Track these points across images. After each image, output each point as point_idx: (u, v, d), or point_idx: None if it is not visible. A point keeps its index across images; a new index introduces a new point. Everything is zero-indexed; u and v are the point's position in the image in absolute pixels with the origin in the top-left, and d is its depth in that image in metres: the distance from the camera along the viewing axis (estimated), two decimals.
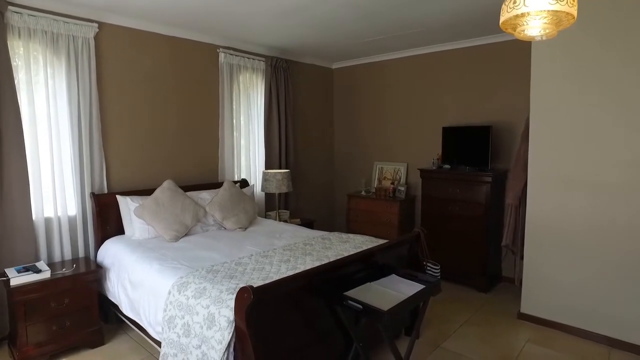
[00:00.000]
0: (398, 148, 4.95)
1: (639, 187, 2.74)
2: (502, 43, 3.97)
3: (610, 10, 2.79)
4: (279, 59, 4.62)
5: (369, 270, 2.45)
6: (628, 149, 2.78)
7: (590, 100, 2.91)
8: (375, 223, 4.60)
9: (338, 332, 2.30)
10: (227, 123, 4.25)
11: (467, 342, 2.94)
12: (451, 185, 4.02)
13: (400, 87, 4.87)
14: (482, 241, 3.83)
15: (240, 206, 3.73)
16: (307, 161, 5.25)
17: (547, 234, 3.16)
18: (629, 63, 2.74)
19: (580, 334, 3.01)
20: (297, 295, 2.07)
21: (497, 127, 4.03)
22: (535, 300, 3.25)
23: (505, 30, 1.70)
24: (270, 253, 2.78)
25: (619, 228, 2.84)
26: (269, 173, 4.23)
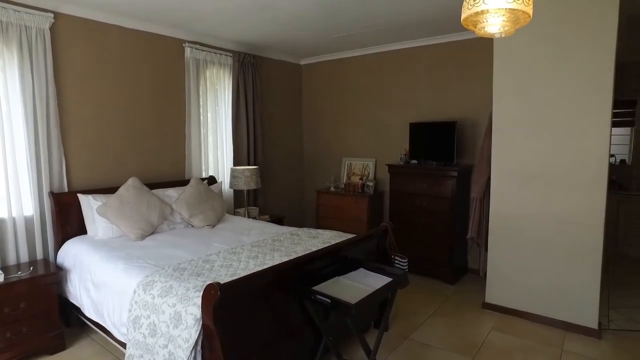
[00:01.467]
0: (366, 144, 5.00)
1: (593, 181, 2.89)
2: (466, 41, 4.08)
3: (562, 8, 2.91)
4: (247, 54, 4.57)
5: (338, 264, 2.46)
6: (582, 146, 2.92)
7: (548, 98, 3.04)
8: (345, 218, 4.64)
9: (308, 327, 2.31)
10: (194, 119, 4.16)
11: (435, 332, 3.02)
12: (418, 180, 4.10)
13: (369, 83, 4.91)
14: (448, 234, 3.93)
15: (208, 203, 3.68)
16: (276, 157, 5.22)
17: (509, 226, 3.28)
18: (586, 60, 2.87)
19: (540, 320, 3.15)
20: (266, 291, 2.06)
21: (462, 123, 4.14)
22: (498, 290, 3.37)
23: (467, 27, 1.74)
24: (239, 250, 2.76)
25: (573, 219, 2.98)
26: (237, 170, 4.18)
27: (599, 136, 2.86)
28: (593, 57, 2.84)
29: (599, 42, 2.80)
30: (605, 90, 2.82)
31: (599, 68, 2.82)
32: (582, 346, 2.82)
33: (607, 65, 2.79)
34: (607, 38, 2.77)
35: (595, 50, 2.82)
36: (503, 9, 1.60)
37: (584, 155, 2.91)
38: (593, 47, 2.83)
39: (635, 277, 4.20)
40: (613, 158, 5.38)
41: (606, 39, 2.77)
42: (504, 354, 2.73)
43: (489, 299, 3.42)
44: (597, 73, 2.83)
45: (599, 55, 2.81)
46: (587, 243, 2.94)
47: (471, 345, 2.85)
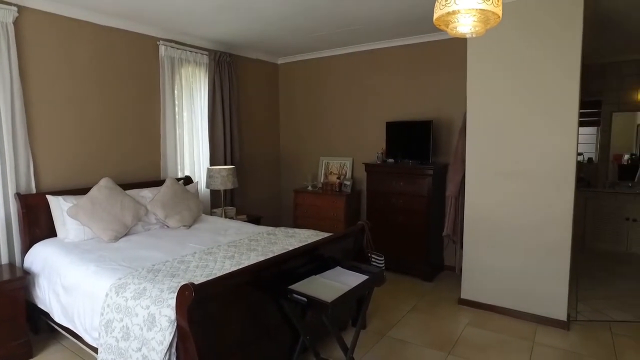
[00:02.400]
0: (344, 143, 5.02)
1: (562, 179, 2.98)
2: (442, 41, 4.14)
3: (536, 11, 3.00)
4: (223, 53, 4.52)
5: (314, 263, 2.47)
6: (551, 145, 3.01)
7: (519, 99, 3.12)
8: (322, 217, 4.65)
9: (285, 326, 2.31)
10: (169, 118, 4.09)
11: (412, 329, 3.06)
12: (395, 178, 4.14)
13: (346, 82, 4.94)
14: (424, 232, 3.99)
15: (183, 203, 3.62)
16: (253, 157, 5.19)
17: (483, 223, 3.35)
18: (554, 61, 2.96)
19: (513, 314, 3.23)
20: (242, 290, 2.05)
21: (437, 122, 4.21)
22: (473, 286, 3.44)
23: (439, 27, 1.77)
24: (215, 250, 2.72)
25: (543, 216, 3.07)
26: (214, 169, 4.13)
27: (566, 135, 2.96)
28: (560, 59, 2.93)
29: (566, 45, 2.90)
30: (571, 91, 2.91)
31: (566, 70, 2.91)
32: (552, 338, 2.91)
33: (574, 67, 2.89)
34: (573, 41, 2.87)
35: (562, 52, 2.91)
36: (474, 9, 1.63)
37: (553, 154, 3.01)
38: (560, 50, 2.92)
39: (601, 271, 4.36)
40: (581, 156, 5.57)
41: (572, 41, 2.87)
42: (478, 348, 2.79)
43: (465, 295, 3.49)
44: (564, 74, 2.92)
45: (565, 57, 2.91)
46: (556, 239, 3.03)
47: (447, 340, 2.89)
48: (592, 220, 5.24)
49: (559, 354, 2.72)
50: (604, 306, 3.45)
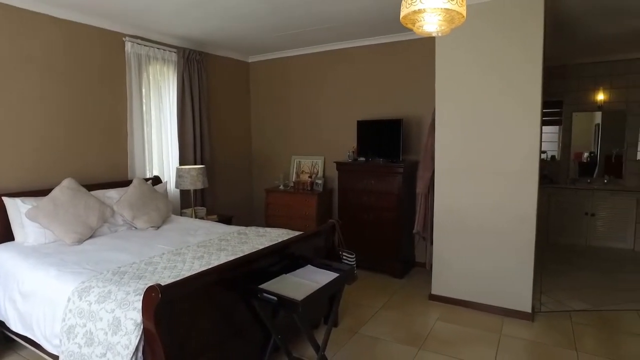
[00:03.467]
0: (315, 142, 5.02)
1: (526, 176, 3.08)
2: (411, 41, 4.20)
3: (501, 14, 3.08)
4: (192, 50, 4.44)
5: (285, 262, 2.46)
6: (516, 143, 3.10)
7: (485, 98, 3.20)
8: (294, 216, 4.64)
9: (256, 325, 2.28)
10: (137, 117, 3.98)
11: (383, 326, 3.09)
12: (366, 177, 4.18)
13: (317, 81, 4.94)
14: (395, 229, 4.04)
15: (152, 204, 3.53)
16: (224, 156, 5.12)
17: (452, 220, 3.42)
18: (518, 63, 3.06)
19: (482, 308, 3.32)
20: (211, 291, 2.01)
21: (407, 120, 4.27)
22: (443, 282, 3.51)
23: (406, 26, 1.79)
24: (184, 250, 2.67)
25: (509, 212, 3.16)
26: (183, 169, 4.05)
27: (530, 133, 3.06)
28: (523, 61, 3.03)
29: (528, 48, 3.00)
30: (534, 92, 3.01)
31: (529, 71, 3.02)
32: (518, 329, 3.01)
33: (536, 69, 2.99)
34: (535, 44, 2.97)
35: (525, 55, 3.01)
36: (439, 8, 1.66)
37: (518, 152, 3.10)
38: (523, 52, 3.02)
39: (563, 263, 4.54)
40: (544, 154, 5.78)
41: (534, 44, 2.98)
42: (448, 342, 2.84)
43: (435, 291, 3.56)
44: (528, 76, 3.02)
45: (528, 59, 3.01)
46: (521, 234, 3.13)
47: (418, 336, 2.94)
48: (555, 215, 5.45)
49: (524, 345, 2.81)
50: (565, 297, 3.59)
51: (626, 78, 5.27)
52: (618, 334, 2.96)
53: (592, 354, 2.68)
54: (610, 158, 5.50)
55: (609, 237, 5.20)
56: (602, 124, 5.53)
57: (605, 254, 4.93)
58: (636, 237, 5.06)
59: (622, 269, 4.40)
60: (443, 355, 2.67)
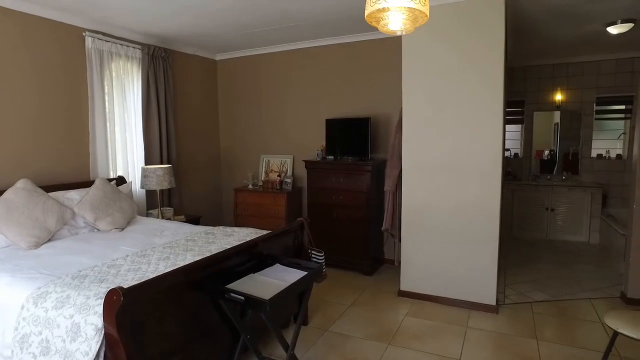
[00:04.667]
0: (284, 141, 5.00)
1: (490, 172, 3.17)
2: (379, 40, 4.24)
3: (464, 17, 3.16)
4: (158, 47, 4.32)
5: (253, 261, 2.43)
6: (480, 141, 3.19)
7: (450, 97, 3.27)
8: (263, 216, 4.61)
9: (224, 326, 2.25)
10: (99, 115, 3.84)
11: (353, 323, 3.11)
12: (335, 175, 4.20)
13: (286, 80, 4.92)
14: (364, 227, 4.08)
15: (116, 205, 3.42)
16: (191, 155, 5.02)
17: (419, 217, 3.48)
18: (481, 64, 3.14)
19: (449, 302, 3.39)
20: (177, 292, 1.97)
21: (375, 119, 4.31)
22: (411, 278, 3.57)
23: (370, 24, 1.80)
24: (149, 252, 2.59)
25: (474, 208, 3.25)
26: (149, 169, 3.95)
27: (493, 132, 3.15)
28: (486, 61, 3.12)
29: (492, 49, 3.09)
30: (497, 92, 3.11)
31: (492, 71, 3.11)
32: (483, 322, 3.10)
33: (499, 69, 3.09)
34: (497, 45, 3.07)
35: (489, 55, 3.10)
36: (403, 7, 1.68)
37: (481, 149, 3.19)
38: (487, 53, 3.11)
39: (526, 257, 4.72)
40: (508, 152, 5.98)
41: (496, 45, 3.07)
42: (417, 336, 2.90)
43: (404, 287, 3.61)
44: (490, 76, 3.12)
45: (491, 59, 3.10)
46: (486, 229, 3.23)
47: (387, 331, 2.98)
48: (518, 210, 5.65)
49: (489, 336, 2.90)
50: (527, 289, 3.73)
51: (581, 80, 5.53)
52: (574, 322, 3.11)
53: (551, 341, 2.81)
54: (568, 155, 5.76)
55: (567, 230, 5.44)
56: (561, 123, 5.77)
57: (563, 247, 5.15)
58: (591, 230, 5.32)
59: (578, 260, 4.62)
60: (412, 350, 2.72)
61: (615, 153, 5.51)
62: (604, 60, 5.36)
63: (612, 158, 5.51)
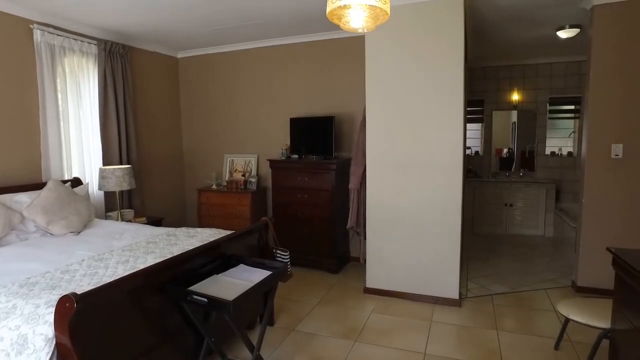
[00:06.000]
0: (248, 140, 4.94)
1: (451, 170, 3.25)
2: (344, 39, 4.26)
3: (426, 19, 3.22)
4: (115, 43, 4.15)
5: (216, 262, 2.38)
6: (441, 139, 3.26)
7: (412, 96, 3.33)
8: (228, 216, 4.53)
9: (188, 329, 2.19)
10: (51, 113, 3.64)
11: (320, 321, 3.11)
12: (299, 174, 4.18)
13: (249, 78, 4.85)
14: (330, 225, 4.09)
15: (71, 208, 3.26)
16: (153, 155, 4.86)
17: (383, 213, 3.52)
18: (442, 64, 3.21)
19: (414, 298, 3.45)
20: (137, 296, 1.89)
21: (339, 117, 4.33)
22: (377, 275, 3.61)
23: (332, 21, 1.80)
24: (107, 256, 2.48)
25: (437, 205, 3.32)
26: (107, 169, 3.79)
27: (454, 130, 3.23)
28: (447, 62, 3.19)
29: (452, 49, 3.16)
30: (458, 91, 3.19)
31: (453, 71, 3.19)
32: (447, 315, 3.17)
33: (459, 69, 3.17)
34: (457, 46, 3.15)
35: (449, 56, 3.18)
36: (364, 5, 1.69)
37: (443, 147, 3.27)
38: (448, 54, 3.18)
39: (486, 251, 4.88)
40: (469, 150, 6.17)
41: (456, 46, 3.15)
42: (383, 332, 2.93)
43: (370, 284, 3.64)
44: (451, 76, 3.19)
45: (452, 60, 3.17)
46: (448, 225, 3.30)
47: (354, 329, 2.99)
48: (479, 206, 5.84)
49: (452, 329, 2.97)
50: (488, 282, 3.86)
51: (535, 81, 5.79)
52: (531, 311, 3.25)
53: (510, 331, 2.92)
54: (525, 153, 6.01)
55: (524, 225, 5.68)
56: (518, 122, 6.01)
57: (521, 241, 5.37)
58: (546, 224, 5.57)
59: (534, 253, 4.84)
60: (378, 346, 2.74)
61: (566, 151, 5.80)
62: (556, 62, 5.63)
63: (564, 155, 5.81)
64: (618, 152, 3.37)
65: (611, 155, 3.39)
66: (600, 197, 3.45)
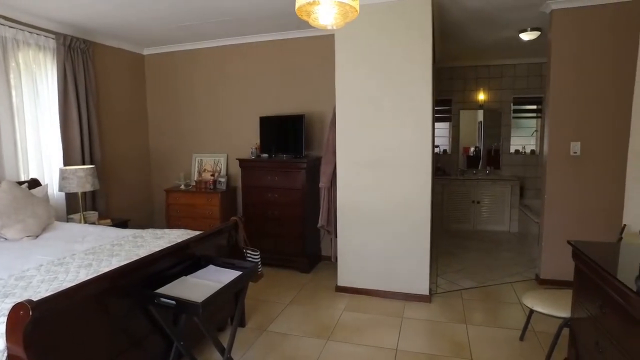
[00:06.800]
0: (217, 139, 4.86)
1: (421, 168, 3.30)
2: (313, 37, 4.25)
3: (396, 19, 3.25)
4: (76, 38, 3.98)
5: (185, 263, 2.32)
6: (411, 137, 3.30)
7: (382, 96, 3.35)
8: (197, 217, 4.44)
9: (156, 333, 2.12)
10: (4, 110, 3.46)
11: (292, 321, 3.08)
12: (270, 173, 4.14)
13: (219, 76, 4.77)
14: (301, 224, 4.07)
15: (27, 210, 3.10)
16: (118, 155, 4.70)
17: (354, 212, 3.53)
18: (411, 64, 3.25)
19: (386, 295, 3.48)
20: (100, 301, 1.81)
21: (309, 116, 4.32)
22: (348, 273, 3.62)
23: (301, 17, 1.78)
24: (68, 260, 2.37)
25: (407, 202, 3.36)
26: (68, 170, 3.62)
27: (423, 129, 3.28)
28: (416, 61, 3.23)
29: (421, 49, 3.21)
30: (426, 90, 3.24)
31: (421, 71, 3.23)
32: (417, 311, 3.22)
33: (427, 68, 3.22)
34: (425, 46, 3.20)
35: (418, 56, 3.22)
36: (333, 1, 1.68)
37: (413, 146, 3.31)
38: (416, 54, 3.22)
39: (455, 248, 4.99)
40: (438, 148, 6.29)
41: (424, 47, 3.20)
42: (355, 330, 2.93)
43: (341, 282, 3.65)
44: (420, 75, 3.24)
45: (420, 60, 3.22)
46: (418, 222, 3.35)
47: (326, 327, 2.99)
48: (448, 203, 5.97)
49: (423, 324, 3.02)
50: (457, 277, 3.95)
51: (500, 81, 5.97)
52: (498, 304, 3.34)
53: (478, 324, 2.99)
54: (491, 151, 6.18)
55: (491, 221, 5.85)
56: (484, 121, 6.18)
57: (488, 236, 5.53)
58: (511, 220, 5.76)
59: (501, 248, 4.98)
60: (350, 344, 2.75)
61: (529, 149, 6.02)
62: (519, 64, 5.83)
63: (527, 153, 6.02)
64: (576, 149, 3.52)
65: (570, 153, 3.54)
66: (560, 193, 3.59)
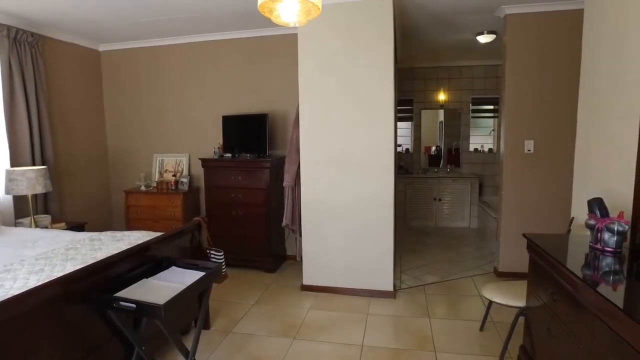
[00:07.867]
0: (179, 139, 4.74)
1: (384, 167, 3.35)
2: (276, 36, 4.22)
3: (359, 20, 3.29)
4: (23, 30, 3.76)
5: (146, 265, 2.25)
6: (374, 137, 3.35)
7: (346, 93, 3.38)
8: (159, 218, 4.32)
9: (116, 339, 2.04)
10: None
11: (257, 321, 3.06)
12: (233, 173, 4.09)
13: (180, 74, 4.65)
14: (265, 224, 4.04)
15: None
16: (73, 156, 4.48)
17: (318, 211, 3.55)
18: (373, 64, 3.30)
19: (351, 292, 3.52)
20: (55, 307, 1.72)
21: (273, 115, 4.29)
22: (313, 272, 3.62)
23: (263, 14, 1.77)
24: (16, 266, 2.23)
25: (370, 200, 3.41)
26: (16, 171, 3.42)
27: (386, 128, 3.34)
28: (378, 62, 3.28)
29: (382, 50, 3.26)
30: (388, 90, 3.29)
31: (383, 70, 3.28)
32: (382, 307, 3.27)
33: (389, 68, 3.28)
34: (387, 47, 3.25)
35: (380, 56, 3.27)
36: None
37: (376, 145, 3.36)
38: (378, 54, 3.27)
39: (418, 244, 5.12)
40: (400, 147, 6.42)
41: (386, 47, 3.26)
42: (321, 328, 2.94)
43: (307, 281, 3.65)
44: (382, 75, 3.29)
45: (382, 60, 3.27)
46: (382, 220, 3.41)
47: (292, 326, 2.98)
48: (411, 201, 6.11)
49: (387, 320, 3.07)
50: (420, 273, 4.05)
51: (459, 82, 6.18)
52: (459, 298, 3.45)
53: (441, 318, 3.08)
54: (451, 150, 6.38)
55: (452, 217, 6.03)
56: (445, 121, 6.37)
57: (449, 233, 5.70)
58: (471, 216, 5.97)
59: (461, 243, 5.16)
60: (317, 342, 2.75)
61: (487, 147, 6.26)
62: (477, 65, 6.05)
63: (485, 152, 6.26)
64: (530, 147, 3.70)
65: (524, 151, 3.71)
66: (516, 189, 3.76)
